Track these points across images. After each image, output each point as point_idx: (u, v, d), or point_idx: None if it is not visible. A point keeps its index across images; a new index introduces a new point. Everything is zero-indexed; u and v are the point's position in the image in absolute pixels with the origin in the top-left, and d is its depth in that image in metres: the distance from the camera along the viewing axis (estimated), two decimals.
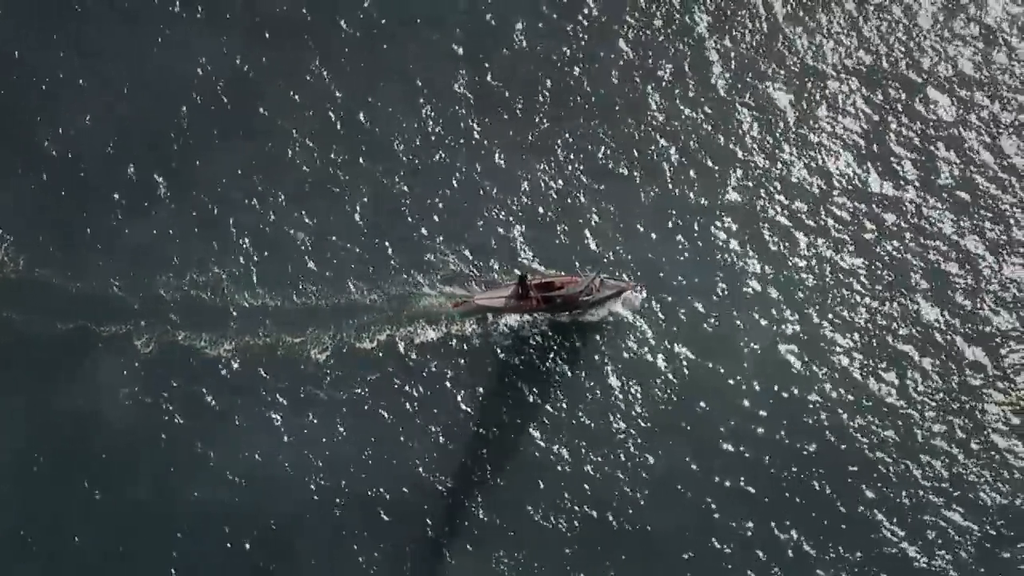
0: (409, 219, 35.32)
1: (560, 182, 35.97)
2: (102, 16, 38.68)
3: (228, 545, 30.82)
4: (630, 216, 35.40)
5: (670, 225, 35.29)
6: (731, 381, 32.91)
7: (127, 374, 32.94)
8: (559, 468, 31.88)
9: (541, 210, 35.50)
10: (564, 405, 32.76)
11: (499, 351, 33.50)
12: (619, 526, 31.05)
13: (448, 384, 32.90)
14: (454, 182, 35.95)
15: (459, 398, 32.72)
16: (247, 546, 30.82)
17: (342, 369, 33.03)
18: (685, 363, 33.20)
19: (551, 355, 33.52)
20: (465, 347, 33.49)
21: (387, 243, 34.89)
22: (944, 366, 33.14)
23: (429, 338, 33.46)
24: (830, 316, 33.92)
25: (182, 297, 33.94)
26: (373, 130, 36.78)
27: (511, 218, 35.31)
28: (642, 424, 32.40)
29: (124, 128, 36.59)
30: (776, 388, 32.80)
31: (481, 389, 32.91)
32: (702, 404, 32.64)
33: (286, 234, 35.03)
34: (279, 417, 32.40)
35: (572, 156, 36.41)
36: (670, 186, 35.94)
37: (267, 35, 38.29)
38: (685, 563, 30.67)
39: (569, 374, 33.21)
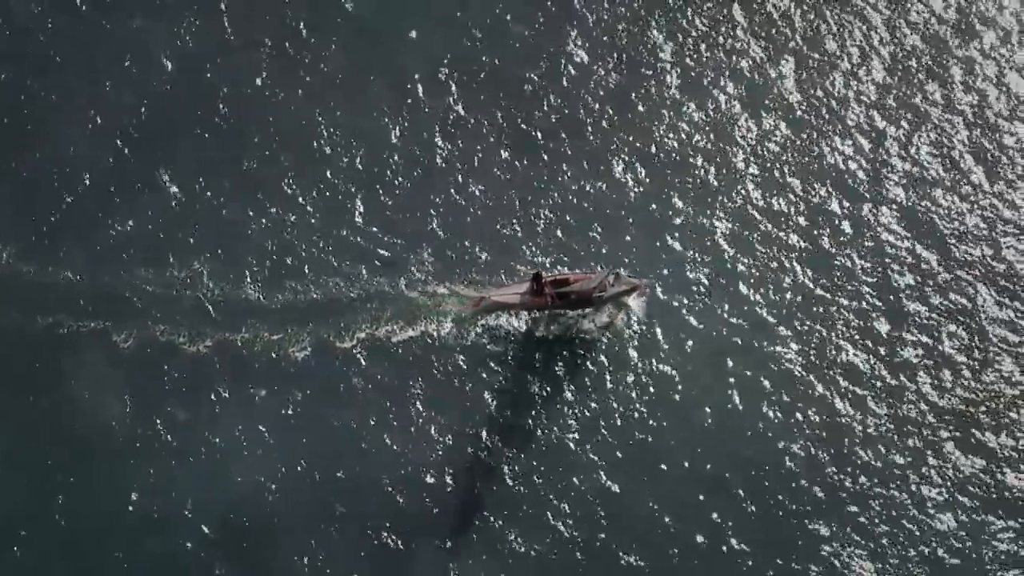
0: (395, 218, 35.48)
1: (550, 183, 36.29)
2: (83, 11, 38.62)
3: (205, 538, 30.88)
4: (623, 216, 35.73)
5: (660, 225, 35.66)
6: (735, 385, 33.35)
7: (105, 369, 32.95)
8: (546, 465, 32.21)
9: (534, 210, 35.81)
10: (560, 402, 33.02)
11: (485, 347, 33.77)
12: (621, 528, 31.32)
13: (431, 383, 33.08)
14: (442, 182, 36.19)
15: (445, 397, 32.91)
16: (224, 539, 30.87)
17: (323, 366, 33.11)
18: (689, 367, 33.50)
19: (548, 355, 33.77)
20: (438, 344, 33.65)
21: (370, 242, 35.04)
22: (968, 369, 33.60)
23: (407, 336, 33.64)
24: (832, 322, 34.37)
25: (161, 293, 33.97)
26: (359, 130, 36.90)
27: (503, 218, 35.61)
28: (644, 425, 32.70)
29: (105, 125, 36.57)
30: (778, 396, 33.17)
31: (468, 388, 33.16)
32: (707, 409, 32.92)
33: (266, 231, 35.11)
34: (257, 413, 32.47)
35: (561, 156, 36.66)
36: (664, 186, 36.33)
37: (249, 35, 38.37)
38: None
39: (564, 376, 33.43)
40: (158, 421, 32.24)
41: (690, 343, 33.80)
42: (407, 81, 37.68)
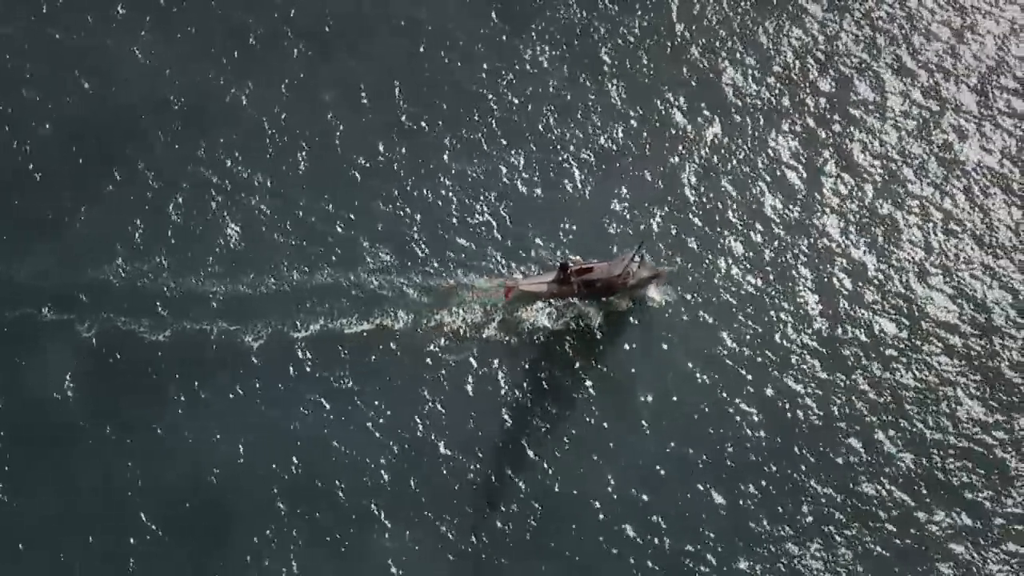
0: (342, 214, 36.73)
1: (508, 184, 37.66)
2: (53, 13, 40.12)
3: (161, 523, 31.37)
4: (604, 206, 37.05)
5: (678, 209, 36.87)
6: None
7: (69, 359, 33.69)
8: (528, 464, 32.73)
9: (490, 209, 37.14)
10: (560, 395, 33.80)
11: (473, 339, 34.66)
12: (623, 532, 31.64)
13: (389, 373, 33.89)
14: (425, 179, 37.58)
15: (402, 388, 33.71)
16: (179, 525, 31.37)
17: (282, 357, 33.86)
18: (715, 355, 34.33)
19: (559, 345, 34.59)
20: (400, 337, 34.49)
21: (326, 235, 36.26)
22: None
23: (363, 328, 34.48)
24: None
25: (123, 286, 34.86)
26: (312, 131, 38.35)
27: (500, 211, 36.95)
28: (661, 416, 33.33)
29: (66, 127, 37.81)
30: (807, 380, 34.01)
31: (439, 380, 33.98)
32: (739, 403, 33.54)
33: (226, 224, 36.24)
34: (217, 401, 33.19)
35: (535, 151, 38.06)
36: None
37: (204, 44, 39.97)
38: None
39: (579, 365, 34.21)
40: (117, 409, 32.88)
41: (709, 334, 34.74)
42: (359, 85, 39.11)
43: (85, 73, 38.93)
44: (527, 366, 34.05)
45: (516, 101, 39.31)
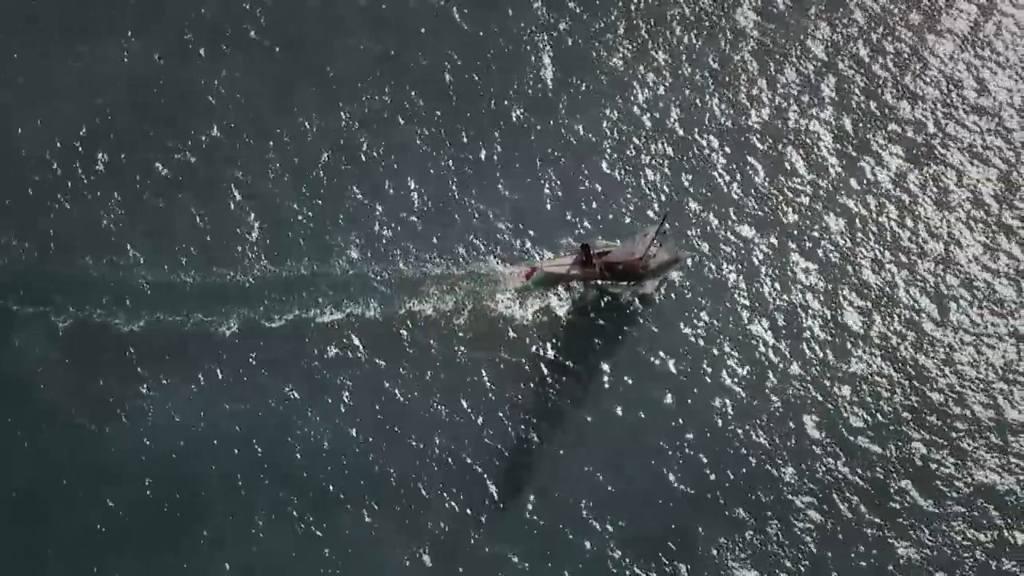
0: (319, 204, 37.41)
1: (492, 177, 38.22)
2: (29, 9, 41.10)
3: (137, 502, 32.09)
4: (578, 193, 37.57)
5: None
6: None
7: (44, 349, 34.34)
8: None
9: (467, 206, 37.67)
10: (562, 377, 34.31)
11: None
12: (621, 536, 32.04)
13: (360, 362, 34.46)
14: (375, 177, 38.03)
15: (370, 376, 34.34)
16: (154, 504, 32.08)
17: (254, 346, 34.50)
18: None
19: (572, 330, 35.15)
20: (370, 326, 35.08)
21: (299, 229, 36.93)
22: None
23: (334, 318, 35.05)
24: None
25: (99, 276, 35.55)
26: (288, 126, 39.07)
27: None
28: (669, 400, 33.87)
29: (47, 126, 38.56)
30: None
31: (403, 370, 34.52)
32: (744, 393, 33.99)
33: (200, 216, 36.91)
34: (189, 389, 33.81)
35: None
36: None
37: (190, 34, 40.74)
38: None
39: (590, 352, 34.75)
40: (88, 397, 33.56)
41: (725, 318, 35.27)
42: (335, 83, 39.84)
43: (57, 70, 39.78)
44: (496, 356, 34.53)
45: (491, 93, 39.95)
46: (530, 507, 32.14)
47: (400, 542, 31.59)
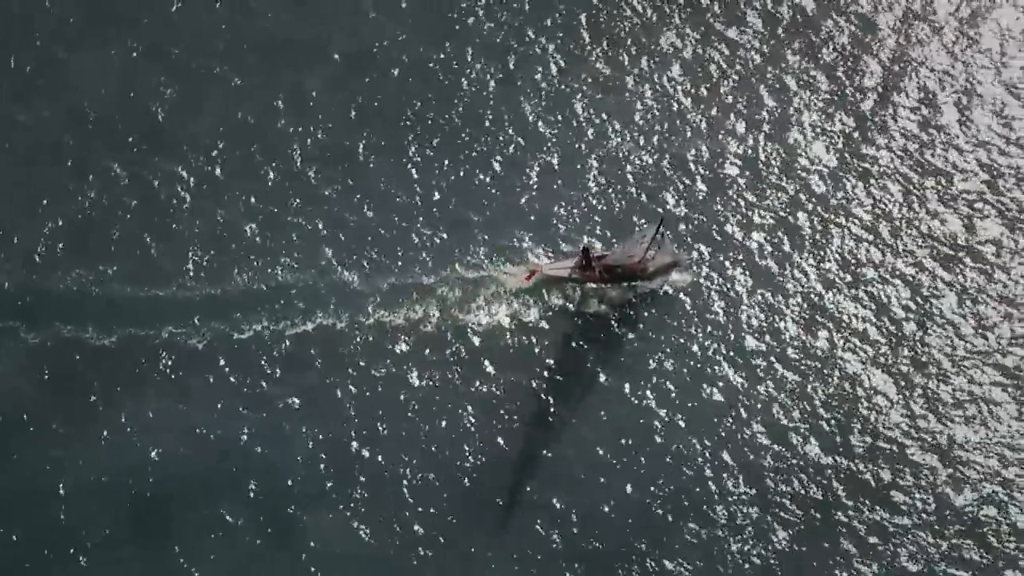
0: (278, 212, 37.25)
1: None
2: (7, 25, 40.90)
3: (109, 513, 32.21)
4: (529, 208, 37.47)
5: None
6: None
7: (15, 363, 34.32)
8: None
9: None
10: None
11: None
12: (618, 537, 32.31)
13: (329, 371, 34.49)
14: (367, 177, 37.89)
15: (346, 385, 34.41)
16: (127, 515, 32.22)
17: (224, 357, 34.50)
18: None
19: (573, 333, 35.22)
20: (340, 336, 35.03)
21: (280, 237, 36.82)
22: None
23: (304, 328, 35.01)
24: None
25: (70, 291, 35.46)
26: (268, 131, 38.95)
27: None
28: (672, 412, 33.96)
29: (20, 139, 38.45)
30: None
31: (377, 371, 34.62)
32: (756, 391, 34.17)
33: (174, 231, 36.78)
34: (163, 400, 33.85)
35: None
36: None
37: (170, 49, 40.53)
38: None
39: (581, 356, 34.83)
40: (58, 411, 33.64)
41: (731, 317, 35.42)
42: (310, 86, 39.67)
43: (35, 85, 39.59)
44: (470, 361, 34.63)
45: (466, 103, 39.74)
46: (517, 511, 32.33)
47: (381, 546, 31.84)
